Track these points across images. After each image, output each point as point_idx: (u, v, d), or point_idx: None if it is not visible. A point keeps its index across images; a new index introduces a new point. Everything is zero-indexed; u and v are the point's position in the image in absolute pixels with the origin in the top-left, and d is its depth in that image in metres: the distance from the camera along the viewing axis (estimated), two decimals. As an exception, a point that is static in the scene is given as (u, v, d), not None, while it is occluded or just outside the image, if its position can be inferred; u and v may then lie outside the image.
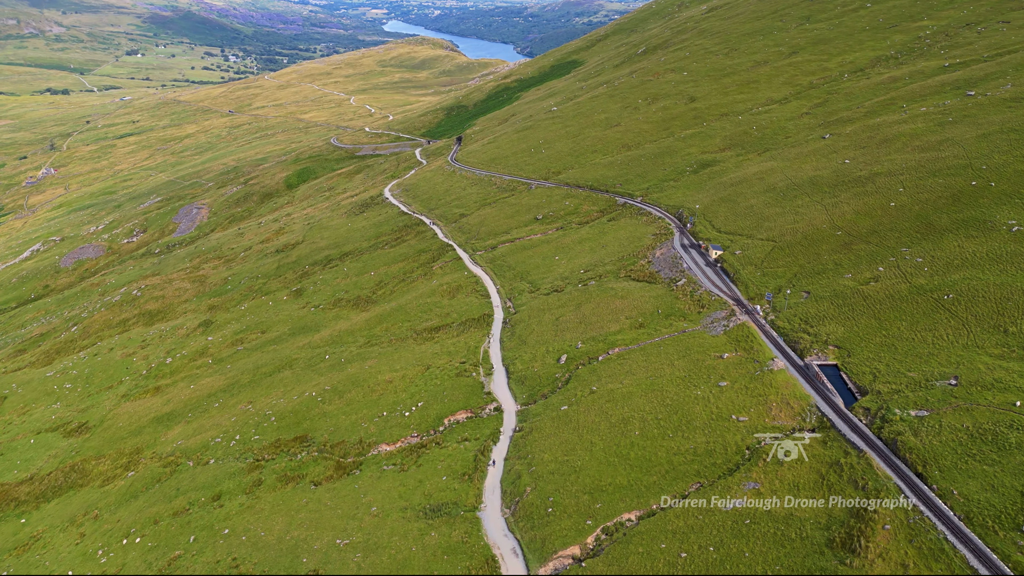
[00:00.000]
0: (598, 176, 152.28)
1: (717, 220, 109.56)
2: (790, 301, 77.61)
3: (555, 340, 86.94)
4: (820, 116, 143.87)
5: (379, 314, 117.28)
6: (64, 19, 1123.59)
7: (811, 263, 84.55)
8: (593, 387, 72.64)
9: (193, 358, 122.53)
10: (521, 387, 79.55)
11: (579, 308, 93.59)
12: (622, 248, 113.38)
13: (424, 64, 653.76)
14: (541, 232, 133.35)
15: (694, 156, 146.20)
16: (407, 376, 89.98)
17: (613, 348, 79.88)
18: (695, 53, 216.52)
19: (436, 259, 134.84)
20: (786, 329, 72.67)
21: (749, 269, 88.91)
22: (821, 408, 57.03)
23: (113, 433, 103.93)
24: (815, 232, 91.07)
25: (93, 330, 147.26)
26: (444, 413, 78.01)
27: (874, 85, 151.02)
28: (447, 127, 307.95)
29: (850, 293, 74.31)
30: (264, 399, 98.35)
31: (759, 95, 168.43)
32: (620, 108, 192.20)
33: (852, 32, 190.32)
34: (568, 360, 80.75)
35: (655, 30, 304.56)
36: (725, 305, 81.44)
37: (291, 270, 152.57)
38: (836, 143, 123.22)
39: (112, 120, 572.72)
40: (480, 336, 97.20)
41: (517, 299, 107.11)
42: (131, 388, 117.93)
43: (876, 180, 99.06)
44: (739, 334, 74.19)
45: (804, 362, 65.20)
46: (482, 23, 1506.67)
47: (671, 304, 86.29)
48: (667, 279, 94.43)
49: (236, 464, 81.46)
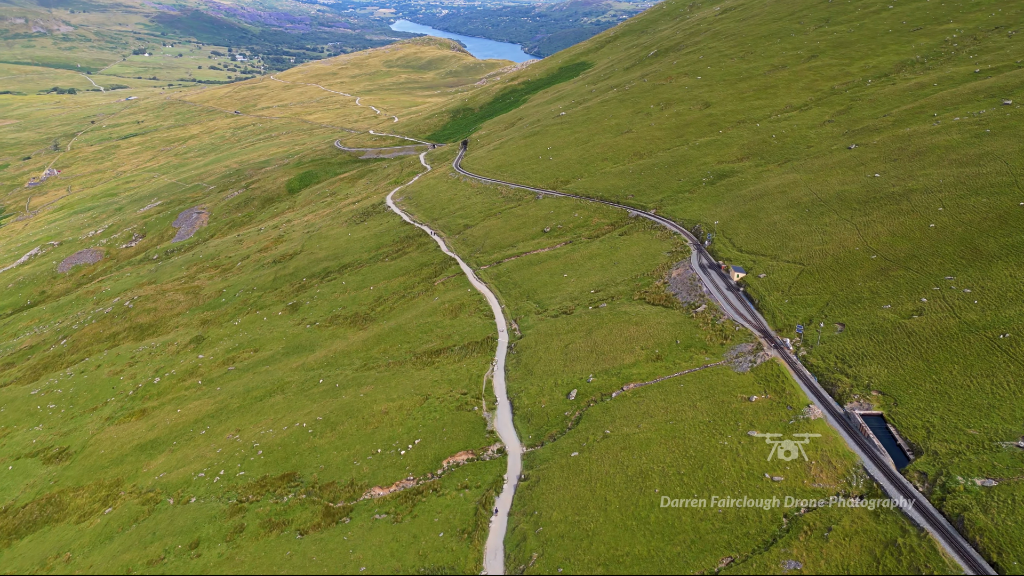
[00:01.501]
0: (609, 186, 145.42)
1: (737, 238, 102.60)
2: (823, 335, 70.64)
3: (564, 371, 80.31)
4: (844, 124, 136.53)
5: (377, 334, 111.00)
6: (72, 18, 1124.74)
7: (844, 290, 77.53)
8: (607, 430, 65.94)
9: (182, 378, 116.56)
10: (527, 425, 72.95)
11: (590, 335, 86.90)
12: (635, 266, 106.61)
13: (431, 64, 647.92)
14: (549, 246, 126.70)
15: (710, 166, 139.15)
16: (404, 407, 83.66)
17: (628, 383, 73.15)
18: (709, 56, 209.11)
19: (438, 274, 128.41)
20: (821, 368, 65.72)
21: (775, 295, 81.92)
22: (869, 470, 50.14)
23: (94, 461, 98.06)
24: (847, 255, 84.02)
25: (82, 344, 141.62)
26: (443, 453, 71.50)
27: (900, 91, 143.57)
28: (453, 130, 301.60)
29: (891, 328, 67.28)
30: (253, 427, 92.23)
31: (778, 101, 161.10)
32: (631, 113, 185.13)
33: (874, 35, 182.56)
34: (578, 396, 74.08)
35: (666, 32, 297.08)
36: (751, 337, 74.54)
37: (288, 282, 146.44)
38: (863, 154, 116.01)
39: (117, 120, 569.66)
40: (483, 362, 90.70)
41: (523, 321, 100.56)
42: (116, 410, 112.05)
43: (912, 197, 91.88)
44: (768, 372, 67.31)
45: (844, 410, 58.28)
46: (490, 23, 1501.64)
47: (691, 333, 79.45)
48: (685, 304, 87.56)
49: (218, 505, 75.25)
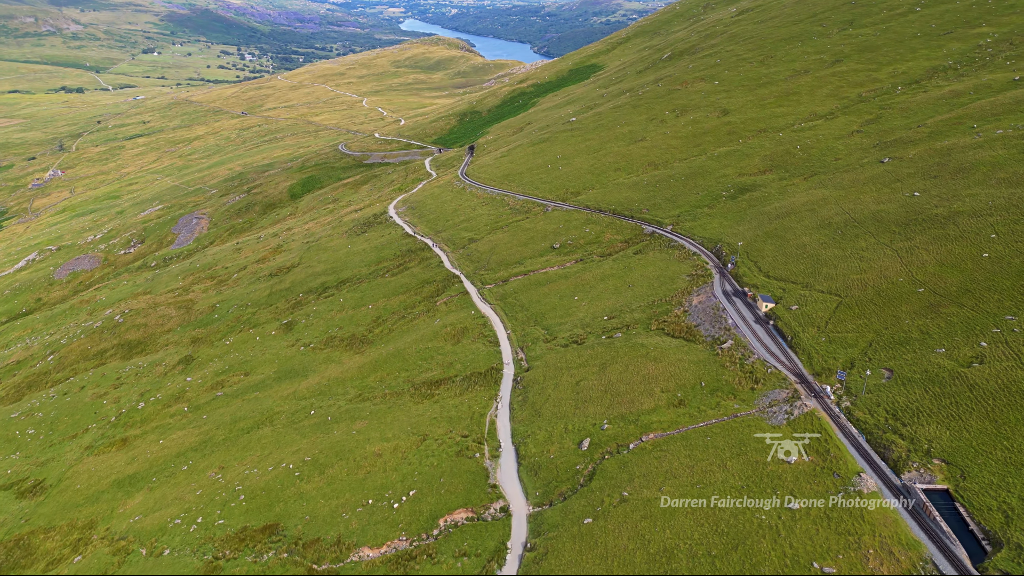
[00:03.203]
0: (622, 199, 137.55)
1: (763, 261, 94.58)
2: (869, 382, 62.65)
3: (575, 414, 72.72)
4: (874, 135, 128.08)
5: (374, 359, 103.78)
6: (82, 16, 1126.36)
7: (889, 329, 69.45)
8: (624, 492, 58.30)
9: (168, 403, 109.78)
10: (534, 479, 65.41)
11: (603, 371, 79.24)
12: (652, 290, 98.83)
13: (439, 65, 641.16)
14: (558, 264, 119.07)
15: (730, 178, 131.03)
16: (399, 449, 76.39)
17: (647, 433, 65.48)
18: (726, 60, 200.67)
19: (441, 292, 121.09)
20: (869, 425, 57.76)
21: (810, 332, 73.91)
22: (940, 567, 42.30)
23: (69, 497, 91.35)
24: (890, 286, 75.91)
25: (68, 362, 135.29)
26: (440, 510, 64.06)
27: (933, 100, 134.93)
28: (459, 134, 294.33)
29: (948, 377, 59.24)
30: (237, 465, 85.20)
31: (801, 109, 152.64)
32: (645, 120, 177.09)
33: (902, 39, 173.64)
34: (592, 446, 66.46)
35: (680, 33, 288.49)
36: (785, 382, 66.64)
37: (283, 298, 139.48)
38: (898, 169, 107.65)
39: (123, 120, 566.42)
40: (486, 398, 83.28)
41: (530, 349, 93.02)
42: (97, 438, 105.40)
43: (958, 221, 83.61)
44: (807, 426, 59.44)
45: (902, 481, 50.41)
46: (499, 22, 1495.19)
47: (716, 374, 71.65)
48: (709, 338, 79.72)
49: (192, 561, 68.12)
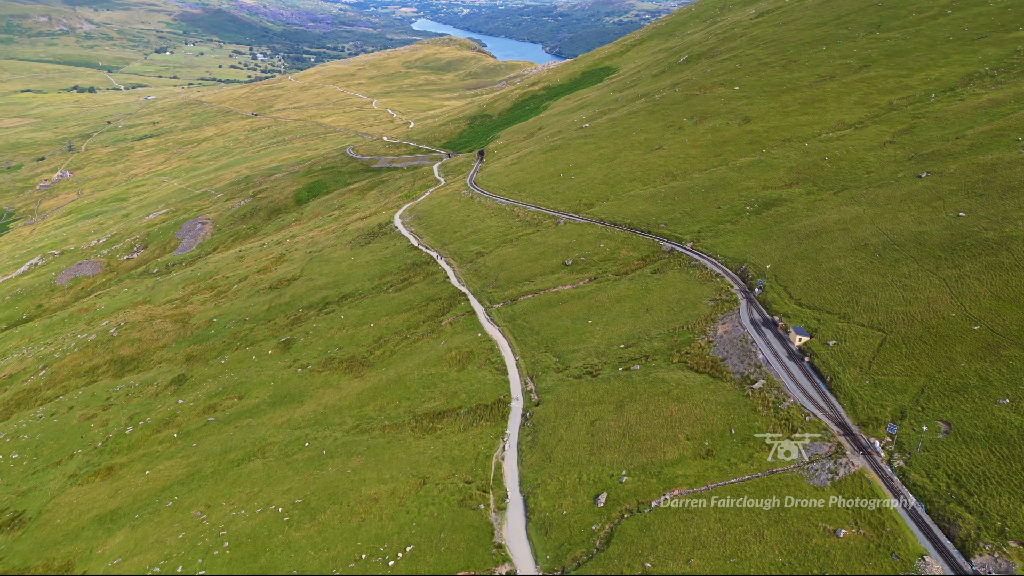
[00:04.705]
0: (638, 212, 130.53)
1: (794, 286, 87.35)
2: (924, 438, 55.47)
3: (590, 462, 65.96)
4: (908, 147, 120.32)
5: (374, 385, 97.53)
6: (96, 16, 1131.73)
7: (943, 373, 62.16)
8: (647, 563, 51.55)
9: (157, 428, 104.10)
10: (544, 539, 58.72)
11: (621, 410, 72.45)
12: (672, 315, 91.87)
13: (450, 66, 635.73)
14: (571, 283, 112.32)
15: (754, 192, 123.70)
16: (397, 493, 70.08)
17: (671, 489, 58.64)
18: (746, 64, 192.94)
19: (446, 311, 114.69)
20: (929, 492, 50.62)
21: (852, 373, 66.70)
22: None
23: (47, 534, 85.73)
24: (941, 322, 68.55)
25: (60, 378, 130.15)
26: (439, 571, 57.60)
27: (971, 109, 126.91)
28: (469, 138, 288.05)
29: (1018, 436, 51.98)
30: (224, 504, 79.17)
31: (827, 117, 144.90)
32: (662, 127, 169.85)
33: (933, 43, 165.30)
34: (609, 502, 59.69)
35: (697, 36, 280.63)
36: (826, 432, 59.53)
37: (283, 313, 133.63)
38: (939, 186, 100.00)
39: (133, 121, 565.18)
40: (493, 436, 76.73)
41: (541, 380, 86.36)
42: (82, 465, 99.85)
43: (1012, 247, 76.07)
44: (856, 490, 52.38)
45: (973, 568, 43.34)
46: (511, 22, 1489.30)
47: (748, 420, 64.64)
48: (737, 375, 72.70)
49: (168, 620, 62.23)
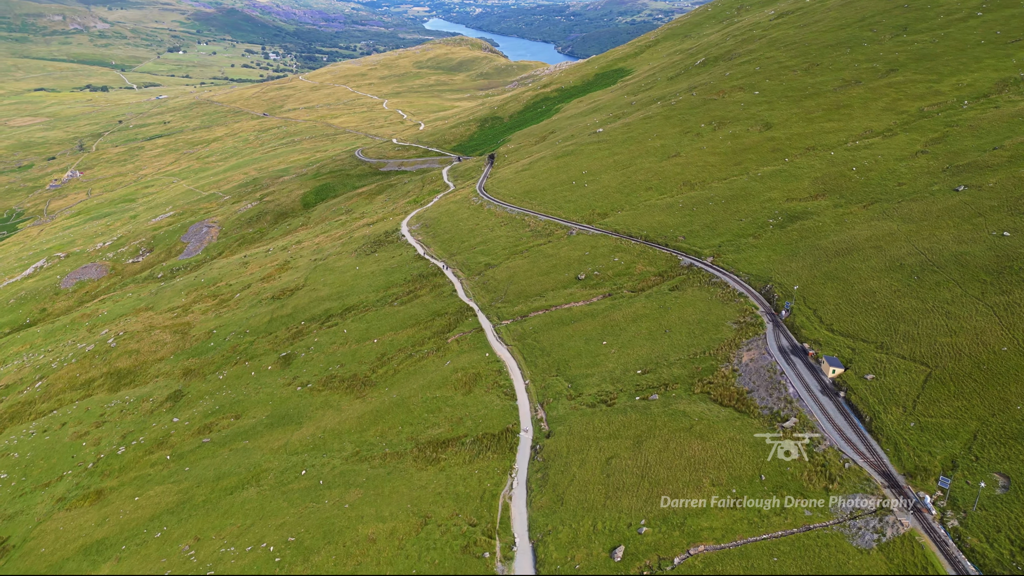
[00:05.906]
0: (654, 223, 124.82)
1: (825, 310, 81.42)
2: (982, 495, 49.63)
3: (606, 507, 60.51)
4: (942, 157, 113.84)
5: (375, 408, 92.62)
6: (109, 15, 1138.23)
7: (998, 417, 56.19)
8: (670, 634, 46.16)
9: (150, 449, 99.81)
10: (555, 597, 53.47)
11: (639, 447, 66.97)
12: (692, 338, 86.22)
13: (461, 66, 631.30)
14: (584, 299, 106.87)
15: (777, 203, 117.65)
16: (397, 534, 65.06)
17: (695, 544, 53.12)
18: (767, 67, 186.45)
19: (452, 327, 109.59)
20: (991, 562, 44.79)
21: (895, 413, 60.79)
22: None
23: (31, 564, 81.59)
24: (991, 357, 62.47)
25: (55, 391, 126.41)
26: (440, 632, 52.56)
27: (1008, 117, 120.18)
28: (479, 141, 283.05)
29: (1091, 498, 46.15)
30: (214, 538, 74.57)
31: (854, 124, 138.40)
32: (679, 133, 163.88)
33: (963, 47, 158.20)
34: (627, 557, 54.25)
35: (713, 37, 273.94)
36: (869, 483, 53.76)
37: (284, 325, 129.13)
38: (978, 200, 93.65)
39: (144, 120, 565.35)
40: (500, 471, 71.50)
41: (552, 407, 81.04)
42: (71, 488, 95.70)
43: (1068, 273, 69.91)
44: (906, 558, 46.64)
45: (1052, 663, 37.59)
46: (523, 21, 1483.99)
47: (779, 464, 58.97)
48: (766, 411, 66.99)
49: (147, 675, 57.55)
